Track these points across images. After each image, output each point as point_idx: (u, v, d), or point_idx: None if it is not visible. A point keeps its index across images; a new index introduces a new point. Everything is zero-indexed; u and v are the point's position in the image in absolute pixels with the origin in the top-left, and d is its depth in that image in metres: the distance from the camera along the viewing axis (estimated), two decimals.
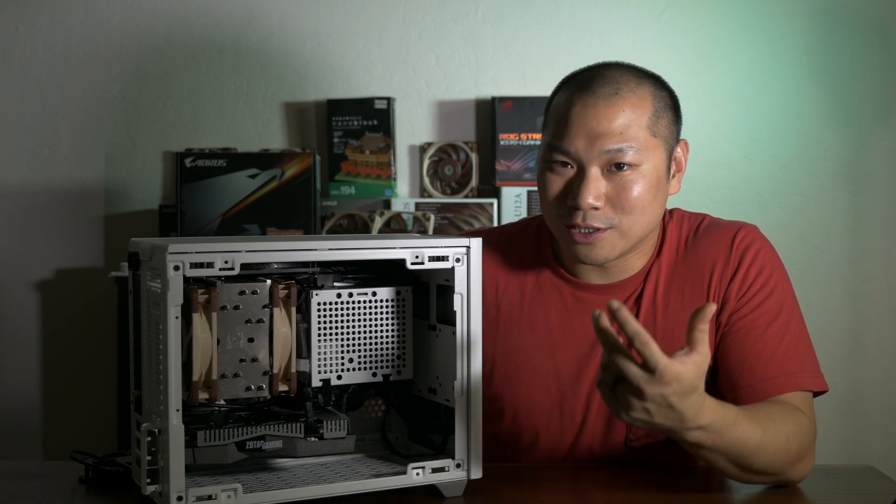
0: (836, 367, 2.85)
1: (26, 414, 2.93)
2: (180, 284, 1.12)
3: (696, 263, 1.46)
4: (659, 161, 1.40)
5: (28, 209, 2.92)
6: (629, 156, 1.36)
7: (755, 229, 1.48)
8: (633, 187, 1.37)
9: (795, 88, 2.85)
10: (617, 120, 1.37)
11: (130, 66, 2.90)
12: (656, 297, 1.45)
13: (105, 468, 1.30)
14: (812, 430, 1.33)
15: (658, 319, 1.45)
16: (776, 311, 1.41)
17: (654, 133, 1.39)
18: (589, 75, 1.43)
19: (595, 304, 1.47)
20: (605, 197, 1.37)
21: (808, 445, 1.32)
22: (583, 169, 1.38)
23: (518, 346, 1.48)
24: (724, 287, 1.43)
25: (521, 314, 1.50)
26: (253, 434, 1.25)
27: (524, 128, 2.77)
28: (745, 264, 1.43)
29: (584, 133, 1.37)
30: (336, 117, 2.82)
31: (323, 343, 1.25)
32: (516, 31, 2.87)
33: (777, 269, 1.45)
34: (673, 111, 1.44)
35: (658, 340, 1.43)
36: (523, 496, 1.30)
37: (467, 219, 2.74)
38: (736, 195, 2.85)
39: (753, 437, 1.22)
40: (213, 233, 2.66)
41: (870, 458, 2.76)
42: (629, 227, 1.39)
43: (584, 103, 1.38)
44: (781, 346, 1.39)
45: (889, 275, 2.87)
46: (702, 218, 1.51)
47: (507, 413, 1.48)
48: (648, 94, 1.40)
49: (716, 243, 1.46)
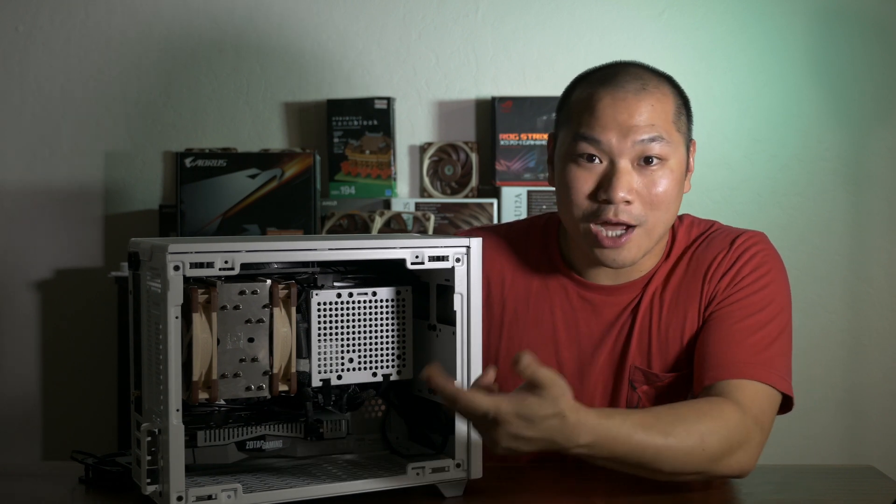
0: (836, 367, 2.85)
1: (26, 414, 2.93)
2: (180, 284, 1.12)
3: (696, 266, 1.46)
4: (682, 157, 1.42)
5: (28, 209, 2.92)
6: (659, 148, 1.37)
7: (761, 235, 1.48)
8: (662, 182, 1.38)
9: (795, 88, 2.85)
10: (646, 113, 1.38)
11: (130, 66, 2.90)
12: (653, 300, 1.46)
13: (105, 468, 1.30)
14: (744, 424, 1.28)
15: (655, 318, 1.45)
16: (761, 306, 1.40)
17: (678, 129, 1.41)
18: (612, 71, 1.42)
19: (601, 304, 1.47)
20: (635, 192, 1.38)
21: (738, 441, 1.27)
22: (614, 162, 1.38)
23: (522, 343, 1.49)
24: (714, 283, 1.43)
25: (527, 312, 1.50)
26: (253, 434, 1.25)
27: (524, 128, 2.77)
28: (741, 262, 1.43)
29: (616, 125, 1.37)
30: (336, 117, 2.82)
31: (323, 343, 1.25)
32: (516, 31, 2.87)
33: (773, 272, 1.44)
34: (687, 111, 1.45)
35: (654, 339, 1.44)
36: (523, 496, 1.30)
37: (467, 219, 2.74)
38: (736, 195, 2.85)
39: (653, 444, 1.20)
40: (213, 233, 2.66)
41: (870, 458, 2.76)
42: (654, 225, 1.40)
43: (613, 96, 1.38)
44: (754, 337, 1.37)
45: (889, 275, 2.87)
46: (710, 224, 1.51)
47: None
48: (669, 92, 1.42)
49: (717, 246, 1.46)
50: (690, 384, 1.43)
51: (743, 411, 1.29)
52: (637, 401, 1.45)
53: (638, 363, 1.45)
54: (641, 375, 1.45)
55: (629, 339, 1.45)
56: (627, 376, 1.45)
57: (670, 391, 1.44)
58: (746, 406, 1.30)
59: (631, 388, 1.45)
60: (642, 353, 1.45)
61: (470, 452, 1.26)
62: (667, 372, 1.44)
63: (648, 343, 1.45)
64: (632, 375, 1.45)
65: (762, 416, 1.32)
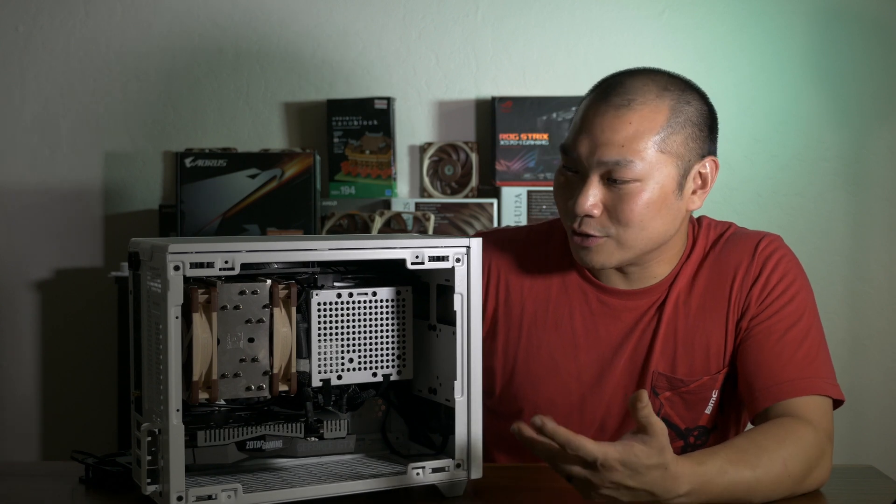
0: (836, 367, 2.83)
1: (26, 414, 2.93)
2: (180, 284, 1.12)
3: (720, 271, 1.46)
4: (666, 177, 1.37)
5: (28, 209, 2.92)
6: (624, 170, 1.35)
7: (779, 239, 1.48)
8: (631, 200, 1.36)
9: (795, 88, 2.85)
10: (622, 132, 1.35)
11: (130, 65, 2.90)
12: (678, 303, 1.45)
13: (105, 468, 1.30)
14: (818, 440, 1.30)
15: (680, 324, 1.45)
16: (797, 316, 1.41)
17: (664, 149, 1.36)
18: (612, 82, 1.41)
19: (619, 308, 1.47)
20: (602, 206, 1.37)
21: (816, 458, 1.29)
22: (585, 175, 1.38)
23: (541, 346, 1.49)
24: (745, 292, 1.43)
25: (546, 315, 1.50)
26: (253, 434, 1.25)
27: (524, 128, 2.77)
28: (767, 270, 1.43)
29: (589, 140, 1.37)
30: (336, 117, 2.82)
31: (323, 343, 1.25)
32: (516, 31, 2.88)
33: (799, 277, 1.45)
34: (698, 127, 1.40)
35: (679, 345, 1.44)
36: (523, 496, 1.30)
37: (467, 219, 2.74)
38: (736, 195, 2.85)
39: (744, 479, 1.21)
40: (213, 233, 2.66)
41: (870, 458, 2.76)
42: (627, 240, 1.38)
43: (595, 110, 1.38)
44: (800, 351, 1.39)
45: (889, 275, 2.87)
46: (727, 226, 1.51)
47: (526, 412, 1.48)
48: (666, 108, 1.37)
49: (739, 251, 1.46)
50: (714, 389, 1.44)
51: (814, 428, 1.31)
52: (659, 407, 1.45)
53: (661, 369, 1.44)
54: (665, 381, 1.44)
55: (652, 344, 1.45)
56: (650, 382, 1.45)
57: (694, 396, 1.45)
58: (816, 422, 1.33)
59: (653, 394, 1.45)
60: (666, 359, 1.45)
61: (470, 452, 1.26)
62: (692, 377, 1.44)
63: (674, 349, 1.44)
64: (654, 381, 1.44)
65: (830, 428, 1.35)
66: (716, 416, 1.46)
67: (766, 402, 1.36)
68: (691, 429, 1.46)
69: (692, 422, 1.46)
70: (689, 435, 1.46)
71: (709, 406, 1.45)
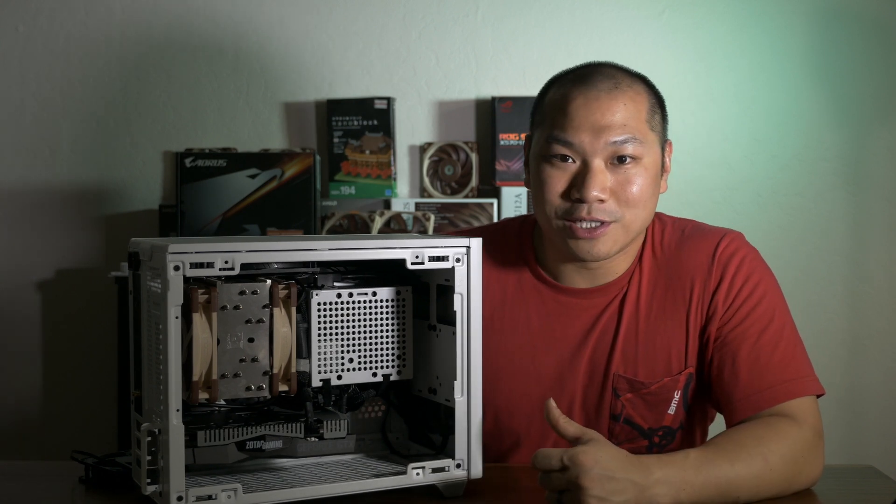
0: (836, 367, 2.85)
1: (26, 414, 2.93)
2: (180, 284, 1.12)
3: (678, 273, 1.44)
4: (656, 156, 1.42)
5: (28, 209, 2.92)
6: (632, 147, 1.37)
7: (739, 237, 1.46)
8: (636, 180, 1.38)
9: (795, 88, 2.85)
10: (619, 112, 1.38)
11: (130, 66, 2.90)
12: (639, 303, 1.45)
13: (105, 468, 1.30)
14: (803, 436, 1.30)
15: (640, 326, 1.44)
16: (768, 318, 1.40)
17: (651, 127, 1.41)
18: (585, 71, 1.43)
19: (576, 308, 1.46)
20: (609, 190, 1.38)
21: (801, 453, 1.29)
22: (587, 162, 1.38)
23: (499, 348, 1.47)
24: (707, 298, 1.42)
25: (503, 316, 1.49)
26: (253, 434, 1.25)
27: (524, 128, 2.77)
28: (730, 273, 1.42)
29: (588, 125, 1.37)
30: (336, 117, 2.82)
31: (323, 343, 1.25)
32: (516, 31, 2.88)
33: (764, 275, 1.43)
34: (661, 110, 1.45)
35: (640, 347, 1.43)
36: (523, 496, 1.30)
37: (467, 219, 2.74)
38: (736, 195, 2.85)
39: (722, 473, 1.21)
40: (213, 233, 2.66)
41: (870, 458, 2.76)
42: (631, 221, 1.39)
43: (585, 96, 1.39)
44: (776, 354, 1.37)
45: (889, 275, 2.87)
46: (686, 224, 1.50)
47: (487, 416, 1.46)
48: (643, 91, 1.42)
49: (697, 253, 1.44)
50: (676, 389, 1.43)
51: (799, 425, 1.31)
52: (621, 408, 1.44)
53: (622, 371, 1.44)
54: (626, 383, 1.44)
55: (613, 346, 1.44)
56: (611, 384, 1.44)
57: (655, 398, 1.44)
58: (801, 418, 1.32)
59: (614, 396, 1.44)
60: (627, 361, 1.44)
61: (470, 452, 1.26)
62: (653, 379, 1.43)
63: (635, 351, 1.44)
64: (615, 383, 1.44)
65: (817, 423, 1.34)
66: (680, 415, 1.45)
67: (748, 411, 1.35)
68: (655, 429, 1.45)
69: (655, 422, 1.45)
70: (653, 435, 1.45)
71: (671, 406, 1.44)
